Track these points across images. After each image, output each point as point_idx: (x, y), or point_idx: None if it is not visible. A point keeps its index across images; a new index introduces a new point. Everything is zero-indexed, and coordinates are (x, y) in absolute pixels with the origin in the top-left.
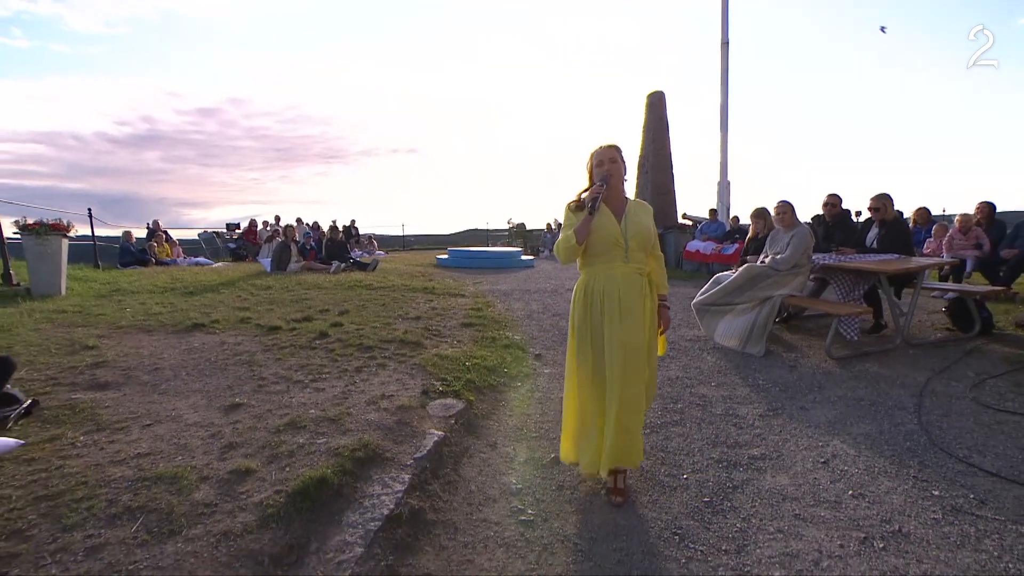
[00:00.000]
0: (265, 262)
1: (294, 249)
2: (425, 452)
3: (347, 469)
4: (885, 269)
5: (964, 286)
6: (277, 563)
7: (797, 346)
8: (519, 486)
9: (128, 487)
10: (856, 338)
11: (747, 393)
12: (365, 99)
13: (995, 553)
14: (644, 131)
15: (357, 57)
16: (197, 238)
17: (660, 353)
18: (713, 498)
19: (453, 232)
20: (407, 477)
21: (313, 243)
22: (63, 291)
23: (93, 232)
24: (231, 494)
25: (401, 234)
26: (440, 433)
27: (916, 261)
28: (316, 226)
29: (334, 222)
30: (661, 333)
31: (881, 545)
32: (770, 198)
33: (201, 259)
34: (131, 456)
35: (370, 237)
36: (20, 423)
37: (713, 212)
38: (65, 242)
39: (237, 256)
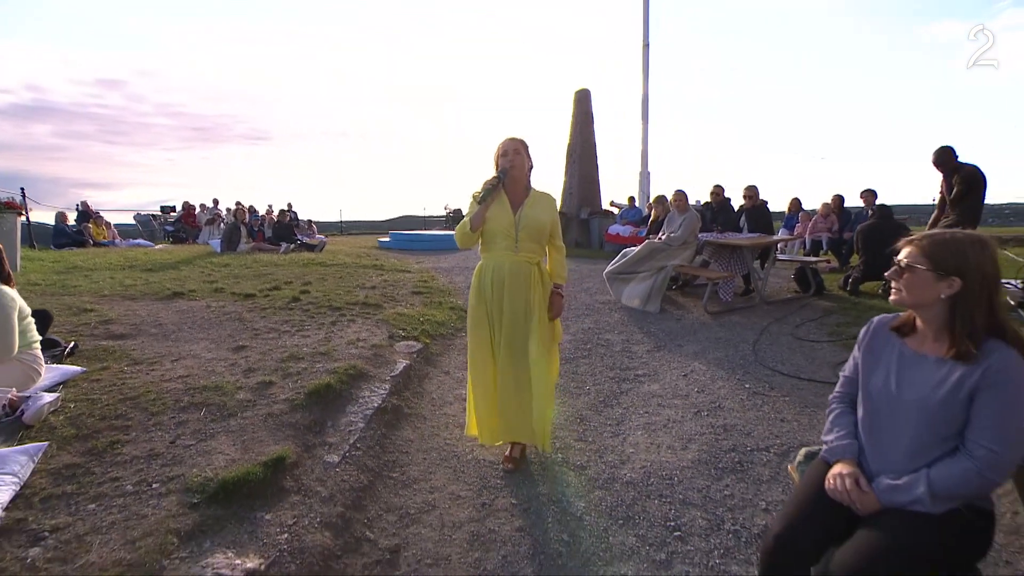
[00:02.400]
0: (214, 243)
1: (243, 230)
2: (398, 372)
3: (344, 381)
4: (747, 244)
5: (803, 258)
6: (308, 430)
7: (685, 305)
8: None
9: (185, 393)
10: (729, 299)
11: (641, 337)
12: (293, 78)
13: (767, 410)
14: (572, 125)
15: (283, 33)
16: (133, 221)
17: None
18: (606, 398)
19: (389, 218)
20: (387, 387)
21: (260, 225)
22: (18, 268)
23: (27, 212)
24: (263, 395)
25: (339, 220)
26: (406, 362)
27: (770, 239)
28: (252, 210)
29: (270, 206)
30: (551, 319)
31: (706, 414)
32: (687, 185)
33: (141, 240)
34: (175, 377)
35: (309, 221)
36: (67, 360)
37: (631, 199)
38: (19, 220)
39: (177, 239)
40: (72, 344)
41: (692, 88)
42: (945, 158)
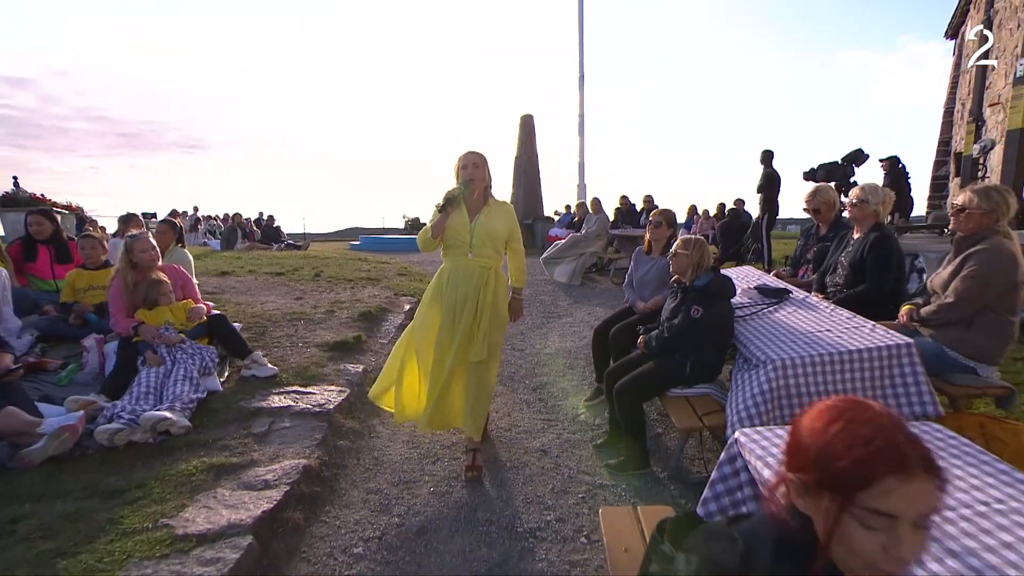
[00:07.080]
0: (213, 243)
1: (239, 232)
2: (407, 309)
3: (377, 311)
4: (641, 235)
5: None
6: (366, 329)
7: (600, 281)
8: None
9: (284, 315)
10: None
11: (564, 297)
12: (228, 82)
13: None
14: (518, 144)
15: (216, 34)
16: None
17: None
18: (538, 325)
19: (338, 229)
20: (403, 315)
21: (253, 228)
22: None
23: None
24: (332, 316)
25: (303, 231)
26: (410, 305)
27: None
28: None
29: (237, 213)
30: (512, 320)
31: (593, 324)
32: (612, 194)
33: None
34: (271, 310)
35: (279, 228)
36: None
37: (567, 207)
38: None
39: None
40: None
41: (625, 110)
42: (764, 158)
